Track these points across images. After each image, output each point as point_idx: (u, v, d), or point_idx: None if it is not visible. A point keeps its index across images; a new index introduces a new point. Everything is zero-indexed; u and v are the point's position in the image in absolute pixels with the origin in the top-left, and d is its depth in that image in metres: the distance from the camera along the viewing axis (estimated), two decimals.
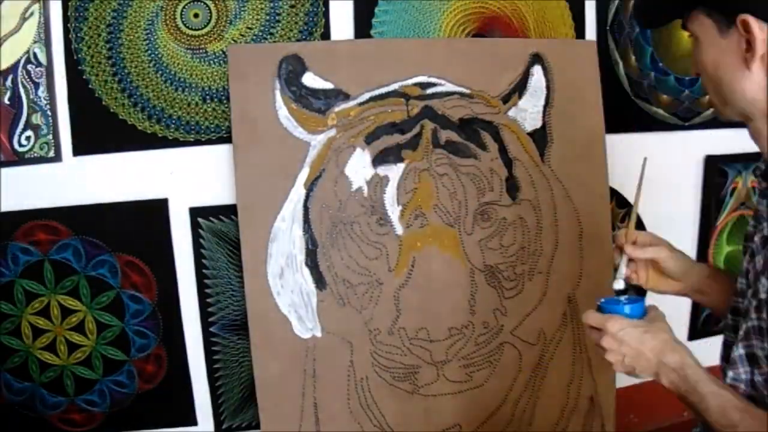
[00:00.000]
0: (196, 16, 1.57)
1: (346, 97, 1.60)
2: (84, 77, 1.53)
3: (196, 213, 1.61)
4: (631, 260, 1.12)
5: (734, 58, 0.86)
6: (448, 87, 1.64)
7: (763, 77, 0.85)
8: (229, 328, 1.66)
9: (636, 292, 1.13)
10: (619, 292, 1.04)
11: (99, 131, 1.55)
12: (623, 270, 1.10)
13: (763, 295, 0.90)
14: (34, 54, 1.51)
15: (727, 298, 1.08)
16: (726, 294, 1.09)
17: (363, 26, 1.64)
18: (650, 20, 1.03)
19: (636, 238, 1.12)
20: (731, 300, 1.04)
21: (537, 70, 1.69)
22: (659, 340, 0.93)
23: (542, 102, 1.70)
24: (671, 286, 1.16)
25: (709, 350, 1.12)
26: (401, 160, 1.61)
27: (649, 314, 0.98)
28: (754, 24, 0.82)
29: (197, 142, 1.60)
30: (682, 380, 0.90)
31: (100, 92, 1.55)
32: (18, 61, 1.50)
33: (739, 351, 0.94)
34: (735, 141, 1.92)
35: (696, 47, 0.91)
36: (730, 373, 0.94)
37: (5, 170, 1.53)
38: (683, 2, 0.92)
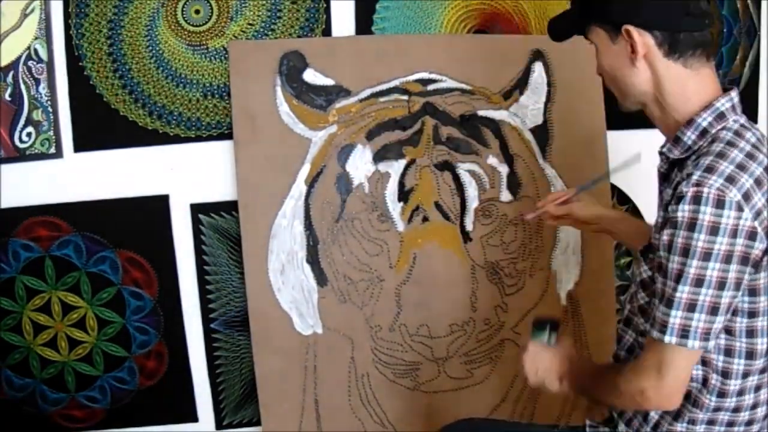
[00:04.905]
0: (197, 12, 1.57)
1: (347, 93, 1.60)
2: (85, 73, 1.53)
3: (196, 209, 1.61)
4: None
5: (624, 59, 1.08)
6: (449, 83, 1.64)
7: (647, 71, 1.06)
8: (229, 324, 1.66)
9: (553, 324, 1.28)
10: (544, 322, 1.27)
11: (100, 127, 1.56)
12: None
13: (644, 275, 1.10)
14: (35, 50, 1.51)
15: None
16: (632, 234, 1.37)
17: (364, 22, 1.64)
18: (558, 34, 1.23)
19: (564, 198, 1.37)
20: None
21: (538, 67, 1.69)
22: (561, 358, 1.21)
23: (543, 98, 1.70)
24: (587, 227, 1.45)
25: None
26: (402, 156, 1.61)
27: (560, 342, 1.25)
28: (634, 31, 1.04)
29: (198, 139, 1.60)
30: (580, 376, 1.19)
31: (101, 88, 1.55)
32: (19, 58, 1.51)
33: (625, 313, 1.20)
34: None
35: (597, 53, 1.12)
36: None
37: (6, 166, 1.53)
38: (583, 19, 1.14)
